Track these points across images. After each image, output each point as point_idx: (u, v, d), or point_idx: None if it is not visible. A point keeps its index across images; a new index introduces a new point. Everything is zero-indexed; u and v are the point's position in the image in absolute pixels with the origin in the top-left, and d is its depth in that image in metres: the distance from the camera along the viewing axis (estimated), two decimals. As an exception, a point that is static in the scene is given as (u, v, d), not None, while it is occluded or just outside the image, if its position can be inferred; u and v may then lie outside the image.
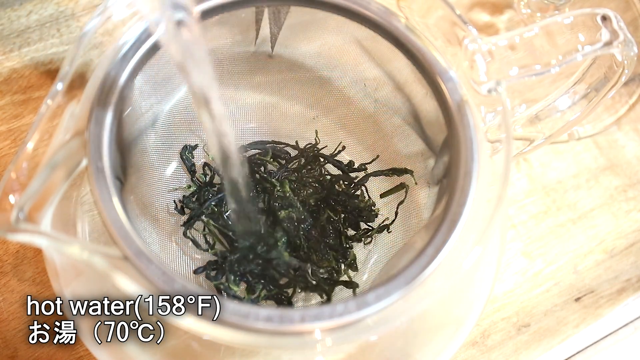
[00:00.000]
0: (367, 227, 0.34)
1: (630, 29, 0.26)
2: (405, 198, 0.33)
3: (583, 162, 0.41)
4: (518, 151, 0.33)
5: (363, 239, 0.33)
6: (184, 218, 0.33)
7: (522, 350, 0.36)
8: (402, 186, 0.33)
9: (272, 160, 0.34)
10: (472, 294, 0.27)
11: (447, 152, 0.27)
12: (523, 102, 0.40)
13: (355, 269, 0.33)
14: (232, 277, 0.31)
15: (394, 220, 0.33)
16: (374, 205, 0.34)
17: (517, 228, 0.39)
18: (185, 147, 0.34)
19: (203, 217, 0.33)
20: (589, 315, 0.37)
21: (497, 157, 0.25)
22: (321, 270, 0.32)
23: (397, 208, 0.33)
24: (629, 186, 0.41)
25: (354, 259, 0.33)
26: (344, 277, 0.32)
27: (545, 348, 0.36)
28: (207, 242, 0.32)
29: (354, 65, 0.33)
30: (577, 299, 0.37)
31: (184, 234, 0.32)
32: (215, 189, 0.33)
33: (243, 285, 0.32)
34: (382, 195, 0.34)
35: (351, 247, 0.33)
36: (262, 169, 0.34)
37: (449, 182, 0.25)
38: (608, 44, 0.25)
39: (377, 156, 0.35)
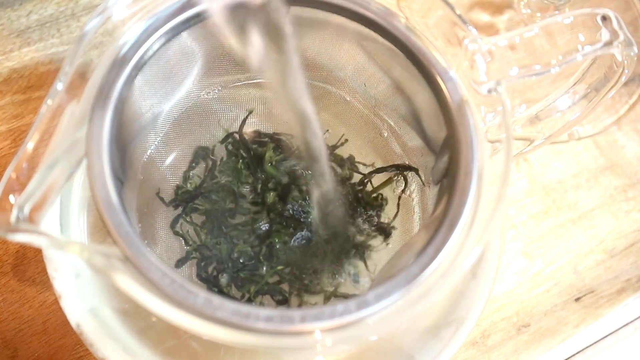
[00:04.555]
0: (374, 224, 0.34)
1: (630, 29, 0.26)
2: (405, 187, 0.33)
3: (583, 162, 0.41)
4: (518, 151, 0.33)
5: (379, 234, 0.33)
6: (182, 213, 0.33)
7: (522, 350, 0.36)
8: (392, 179, 0.33)
9: (273, 149, 0.34)
10: (472, 294, 0.27)
11: (447, 152, 0.27)
12: (523, 102, 0.40)
13: (364, 260, 0.33)
14: (228, 276, 0.31)
15: (396, 214, 0.33)
16: (382, 195, 0.34)
17: (517, 228, 0.39)
18: (201, 148, 0.34)
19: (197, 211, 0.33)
20: (589, 315, 0.37)
21: (497, 157, 0.25)
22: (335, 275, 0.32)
23: (399, 200, 0.33)
24: (629, 186, 0.41)
25: (367, 249, 0.33)
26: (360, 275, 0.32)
27: (545, 348, 0.36)
28: (206, 234, 0.32)
29: (354, 65, 0.33)
30: (577, 299, 0.37)
31: (174, 231, 0.32)
32: (215, 182, 0.33)
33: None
34: (377, 188, 0.34)
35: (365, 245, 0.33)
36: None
37: (449, 182, 0.25)
38: (608, 44, 0.25)
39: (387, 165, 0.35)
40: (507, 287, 0.37)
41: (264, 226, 0.32)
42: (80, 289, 0.26)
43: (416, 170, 0.33)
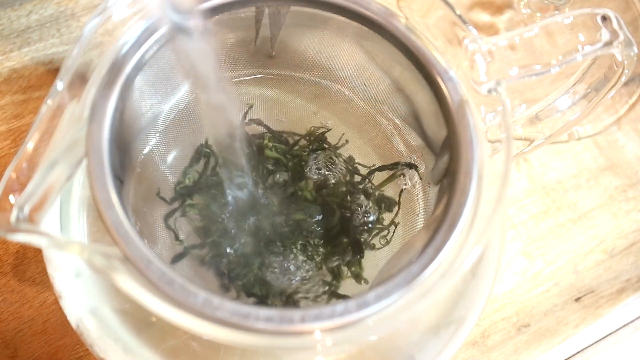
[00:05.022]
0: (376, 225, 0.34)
1: (630, 29, 0.26)
2: (405, 184, 0.33)
3: (583, 162, 0.41)
4: (518, 151, 0.33)
5: (380, 230, 0.33)
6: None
7: (522, 350, 0.36)
8: (395, 175, 0.33)
9: (272, 144, 0.34)
10: (472, 294, 0.27)
11: (447, 152, 0.27)
12: (523, 102, 0.40)
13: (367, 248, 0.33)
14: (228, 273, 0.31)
15: (398, 211, 0.33)
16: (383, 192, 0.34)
17: (517, 228, 0.39)
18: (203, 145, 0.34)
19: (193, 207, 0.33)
20: (589, 315, 0.37)
21: (497, 157, 0.25)
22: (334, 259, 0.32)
23: (399, 198, 0.33)
24: (629, 186, 0.41)
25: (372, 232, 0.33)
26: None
27: (545, 348, 0.36)
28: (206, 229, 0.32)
29: (354, 65, 0.33)
30: (577, 299, 0.37)
31: (166, 224, 0.32)
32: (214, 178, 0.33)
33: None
34: (380, 185, 0.34)
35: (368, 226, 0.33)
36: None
37: (449, 182, 0.25)
38: (608, 44, 0.25)
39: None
40: (507, 287, 0.37)
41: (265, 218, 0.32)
42: (80, 288, 0.26)
43: (416, 168, 0.33)
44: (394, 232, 0.33)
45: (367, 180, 0.34)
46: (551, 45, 0.25)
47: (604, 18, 0.25)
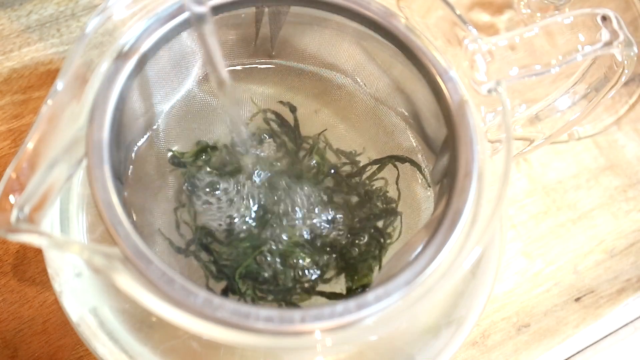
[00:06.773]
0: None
1: (630, 29, 0.26)
2: (398, 173, 0.33)
3: (583, 162, 0.41)
4: (518, 151, 0.33)
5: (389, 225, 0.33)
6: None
7: (522, 350, 0.36)
8: (388, 160, 0.33)
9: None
10: (472, 294, 0.27)
11: (447, 152, 0.27)
12: (523, 102, 0.40)
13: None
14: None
15: (399, 201, 0.33)
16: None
17: (517, 228, 0.39)
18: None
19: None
20: (589, 315, 0.37)
21: (497, 157, 0.25)
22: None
23: (397, 184, 0.33)
24: (629, 186, 0.41)
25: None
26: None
27: (545, 348, 0.36)
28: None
29: (354, 65, 0.33)
30: (577, 299, 0.37)
31: (177, 227, 0.32)
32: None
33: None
34: (371, 177, 0.34)
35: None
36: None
37: (449, 182, 0.25)
38: (608, 44, 0.25)
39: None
40: (507, 287, 0.37)
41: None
42: (80, 288, 0.26)
43: (419, 167, 0.33)
44: (400, 231, 0.33)
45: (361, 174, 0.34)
46: (551, 45, 0.25)
47: (604, 18, 0.25)
